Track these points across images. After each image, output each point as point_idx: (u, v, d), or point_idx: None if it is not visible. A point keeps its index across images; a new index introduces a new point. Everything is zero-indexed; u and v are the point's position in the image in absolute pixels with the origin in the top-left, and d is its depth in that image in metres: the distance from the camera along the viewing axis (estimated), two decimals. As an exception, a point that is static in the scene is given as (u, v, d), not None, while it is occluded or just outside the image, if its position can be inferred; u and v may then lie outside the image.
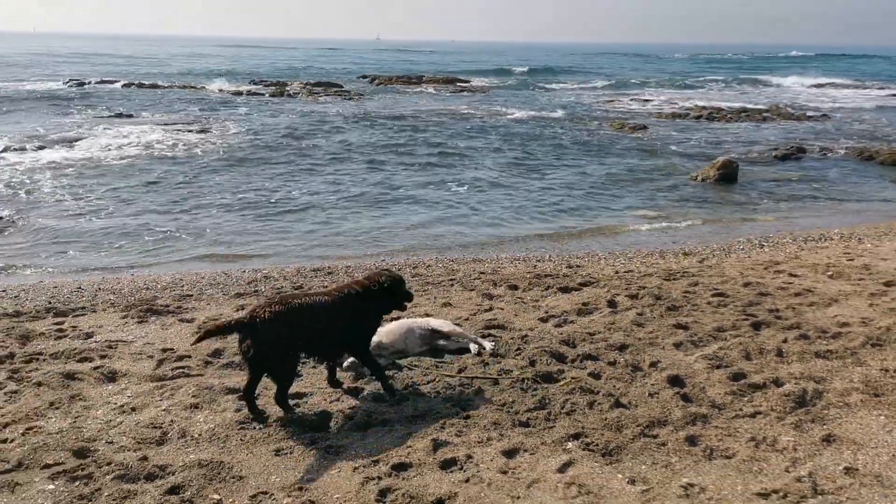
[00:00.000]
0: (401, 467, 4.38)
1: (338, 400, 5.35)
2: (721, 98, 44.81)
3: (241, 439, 4.74)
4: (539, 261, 10.69)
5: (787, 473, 4.15)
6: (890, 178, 18.54)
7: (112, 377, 5.78)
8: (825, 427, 4.71)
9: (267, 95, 40.45)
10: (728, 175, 17.67)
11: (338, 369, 5.73)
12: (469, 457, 4.49)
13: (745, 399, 5.19)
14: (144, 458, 4.45)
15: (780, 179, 18.29)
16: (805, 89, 55.58)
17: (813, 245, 11.29)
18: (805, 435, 4.61)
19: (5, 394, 5.39)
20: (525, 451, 4.57)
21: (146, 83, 43.51)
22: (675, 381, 5.59)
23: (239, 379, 5.75)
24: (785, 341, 6.39)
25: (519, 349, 6.41)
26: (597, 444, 4.59)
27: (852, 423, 4.76)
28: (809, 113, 34.61)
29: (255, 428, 4.88)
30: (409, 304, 5.79)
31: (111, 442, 4.67)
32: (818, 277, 8.88)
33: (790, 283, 8.55)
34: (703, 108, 36.05)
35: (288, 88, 44.69)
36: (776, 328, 6.81)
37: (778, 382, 5.43)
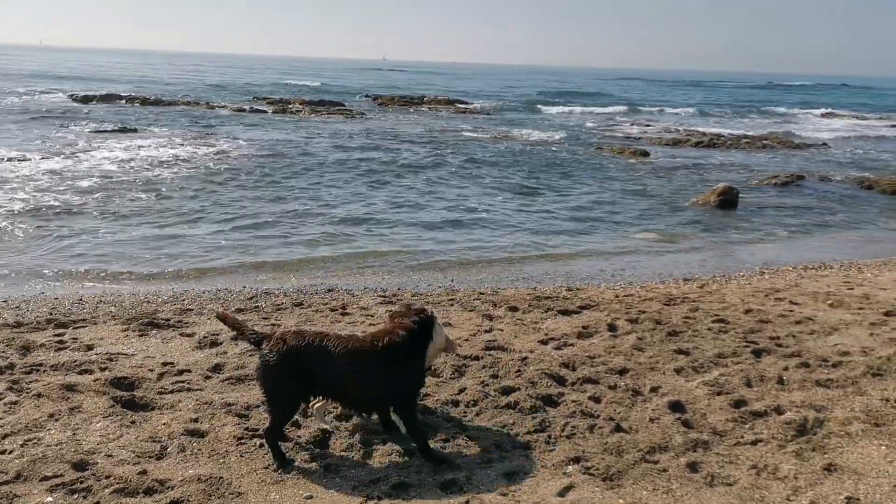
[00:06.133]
0: (401, 487, 4.36)
1: (337, 419, 5.33)
2: (722, 125, 45.11)
3: (240, 455, 4.73)
4: (539, 283, 10.71)
5: (789, 502, 4.15)
6: (890, 207, 18.63)
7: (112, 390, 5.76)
8: (826, 456, 4.70)
9: (269, 113, 40.66)
10: (728, 201, 17.75)
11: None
12: (469, 478, 4.48)
13: (747, 426, 5.18)
14: (144, 472, 4.43)
15: (779, 206, 18.36)
16: (806, 118, 56.00)
17: (813, 273, 11.32)
18: (806, 463, 4.60)
19: (5, 405, 5.37)
20: (525, 473, 4.56)
21: (150, 98, 43.74)
22: (676, 406, 5.58)
23: (238, 394, 5.75)
24: (786, 369, 6.40)
25: (519, 371, 6.41)
26: (597, 469, 4.58)
27: (853, 452, 4.76)
28: (809, 141, 34.85)
29: (254, 444, 4.86)
30: None
31: (111, 455, 4.65)
32: (818, 306, 8.89)
33: (791, 311, 8.56)
34: (704, 134, 36.29)
35: (290, 106, 44.95)
36: (777, 356, 6.82)
37: (779, 410, 5.43)
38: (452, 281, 10.72)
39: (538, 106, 57.43)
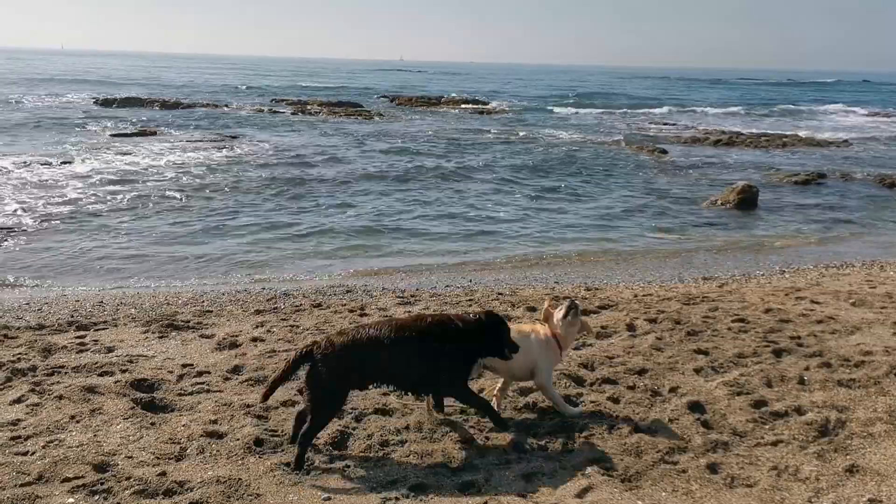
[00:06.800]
0: (419, 489, 4.36)
1: (356, 420, 5.34)
2: (742, 123, 44.67)
3: (258, 456, 4.75)
4: (557, 282, 10.67)
5: (810, 504, 4.09)
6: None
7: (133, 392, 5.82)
8: (848, 457, 4.63)
9: (288, 114, 40.92)
10: (748, 200, 17.58)
11: None
12: (488, 479, 4.47)
13: (767, 427, 5.12)
14: (163, 474, 4.46)
15: (800, 205, 18.17)
16: (826, 115, 55.33)
17: (834, 272, 11.18)
18: (828, 465, 4.53)
19: (27, 406, 5.44)
20: (544, 474, 4.54)
21: (169, 101, 44.16)
22: (696, 407, 5.52)
23: (257, 396, 5.77)
24: (807, 369, 6.31)
25: (537, 372, 6.39)
26: (616, 470, 4.54)
27: (876, 453, 4.68)
28: (830, 139, 34.40)
29: (273, 445, 4.88)
30: None
31: (131, 456, 4.69)
32: (840, 305, 8.77)
33: (812, 310, 8.45)
34: (724, 132, 35.96)
35: (309, 107, 45.18)
36: (798, 355, 6.73)
37: (800, 411, 5.36)
38: (471, 281, 10.71)
39: (555, 106, 57.17)
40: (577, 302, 5.43)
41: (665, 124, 42.29)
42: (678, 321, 7.97)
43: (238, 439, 4.96)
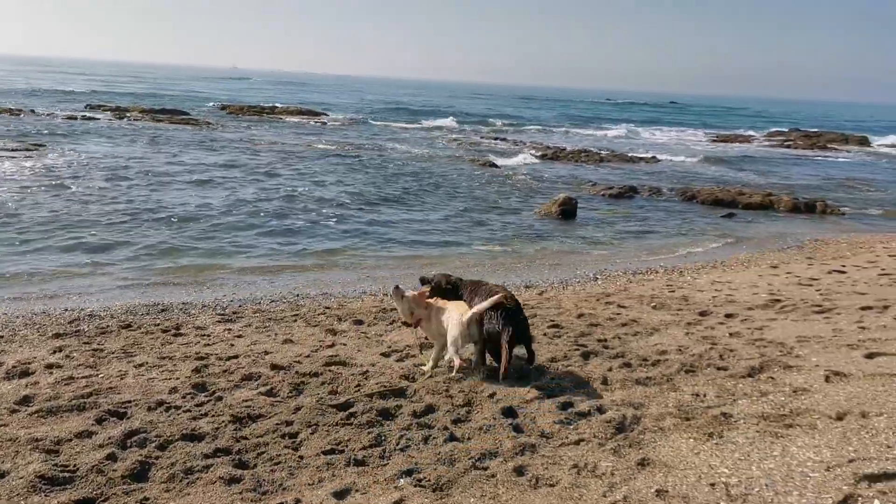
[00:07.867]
0: (224, 516, 4.17)
1: (159, 448, 5.01)
2: (566, 140, 47.48)
3: (45, 495, 4.32)
4: (386, 295, 10.70)
5: (605, 498, 4.34)
6: (708, 216, 20.39)
7: None
8: (641, 451, 4.98)
9: (105, 121, 38.13)
10: (568, 211, 18.68)
11: None
12: (298, 501, 4.35)
13: (571, 427, 5.40)
14: (-76, 525, 3.95)
15: (614, 216, 19.58)
16: (638, 133, 60.20)
17: (640, 278, 12.11)
18: (622, 460, 4.85)
19: None
20: (357, 490, 4.50)
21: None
22: (509, 412, 5.73)
23: (48, 428, 5.27)
24: (610, 370, 6.76)
25: (359, 385, 6.36)
26: (428, 480, 4.59)
27: (665, 446, 5.07)
28: (641, 155, 37.45)
29: (62, 483, 4.46)
30: None
31: None
32: (643, 308, 9.51)
33: (618, 314, 9.10)
34: (549, 147, 38.06)
35: (129, 114, 42.38)
36: (603, 357, 7.20)
37: (601, 410, 5.72)
38: (297, 296, 10.48)
39: (391, 120, 57.67)
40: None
41: (496, 139, 44.01)
42: (499, 329, 8.25)
43: (22, 477, 4.51)
